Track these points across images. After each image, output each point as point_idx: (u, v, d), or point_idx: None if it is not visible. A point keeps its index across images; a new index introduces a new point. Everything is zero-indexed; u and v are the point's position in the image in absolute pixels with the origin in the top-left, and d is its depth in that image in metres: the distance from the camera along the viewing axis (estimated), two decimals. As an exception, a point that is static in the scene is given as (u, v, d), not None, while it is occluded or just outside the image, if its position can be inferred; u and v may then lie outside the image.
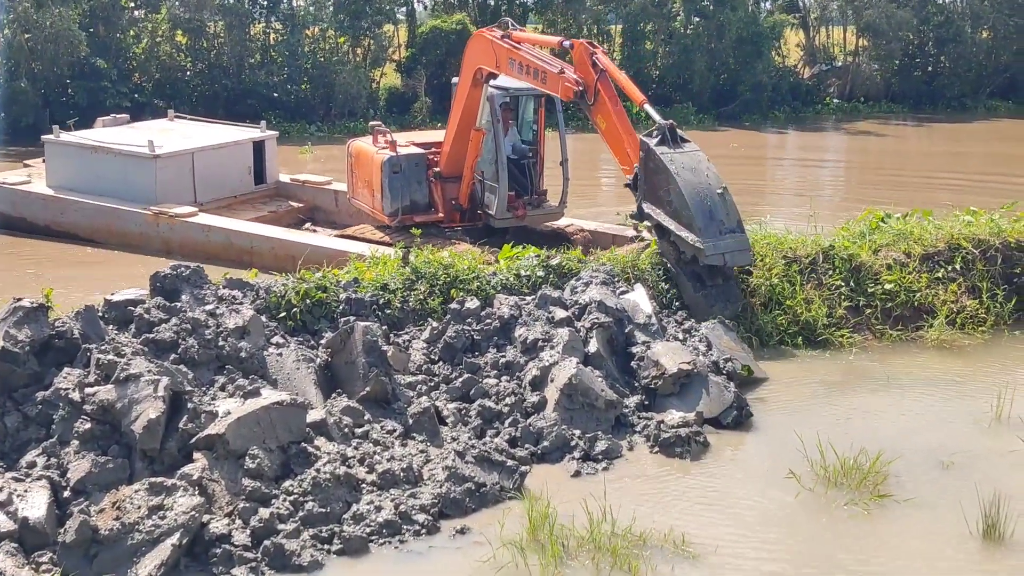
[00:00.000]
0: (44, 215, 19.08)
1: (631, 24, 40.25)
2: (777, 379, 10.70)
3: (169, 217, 17.64)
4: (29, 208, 19.28)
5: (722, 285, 11.67)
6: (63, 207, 18.82)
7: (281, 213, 19.61)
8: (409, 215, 16.77)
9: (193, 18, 35.58)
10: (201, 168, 19.11)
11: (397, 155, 17.00)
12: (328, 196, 20.12)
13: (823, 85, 42.47)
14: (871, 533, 7.67)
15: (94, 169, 18.79)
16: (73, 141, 19.53)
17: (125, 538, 6.98)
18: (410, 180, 17.03)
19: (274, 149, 21.04)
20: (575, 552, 7.26)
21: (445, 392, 9.68)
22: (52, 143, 19.73)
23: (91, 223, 18.32)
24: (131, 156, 18.61)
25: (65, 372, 8.46)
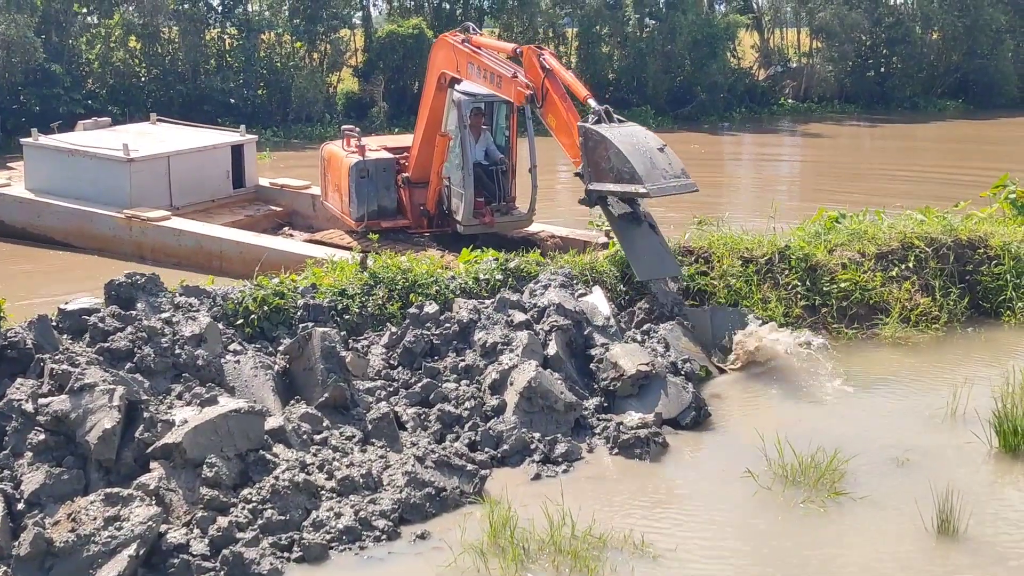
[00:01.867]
0: (20, 218, 19.03)
1: (586, 27, 40.44)
2: (735, 379, 10.77)
3: (141, 221, 17.54)
4: (6, 211, 19.26)
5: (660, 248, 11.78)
6: (39, 210, 18.76)
7: (258, 217, 19.53)
8: (376, 220, 16.74)
9: (147, 23, 35.29)
10: (177, 172, 19.02)
11: (365, 159, 16.96)
12: (306, 200, 20.07)
13: (778, 86, 42.92)
14: (828, 531, 7.75)
15: (71, 172, 18.76)
16: (50, 144, 19.44)
17: (81, 550, 6.90)
18: (378, 185, 16.99)
19: (253, 153, 20.94)
20: (536, 555, 7.27)
21: (404, 397, 9.65)
22: (31, 146, 19.64)
23: (65, 226, 18.25)
24: (106, 160, 18.55)
25: (18, 383, 8.35)
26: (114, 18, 35.71)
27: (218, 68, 36.74)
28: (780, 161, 32.24)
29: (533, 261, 11.89)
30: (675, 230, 13.87)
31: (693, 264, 12.15)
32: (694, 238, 12.82)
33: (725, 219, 13.57)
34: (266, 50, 37.94)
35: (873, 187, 24.78)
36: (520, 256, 12.03)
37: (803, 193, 25.99)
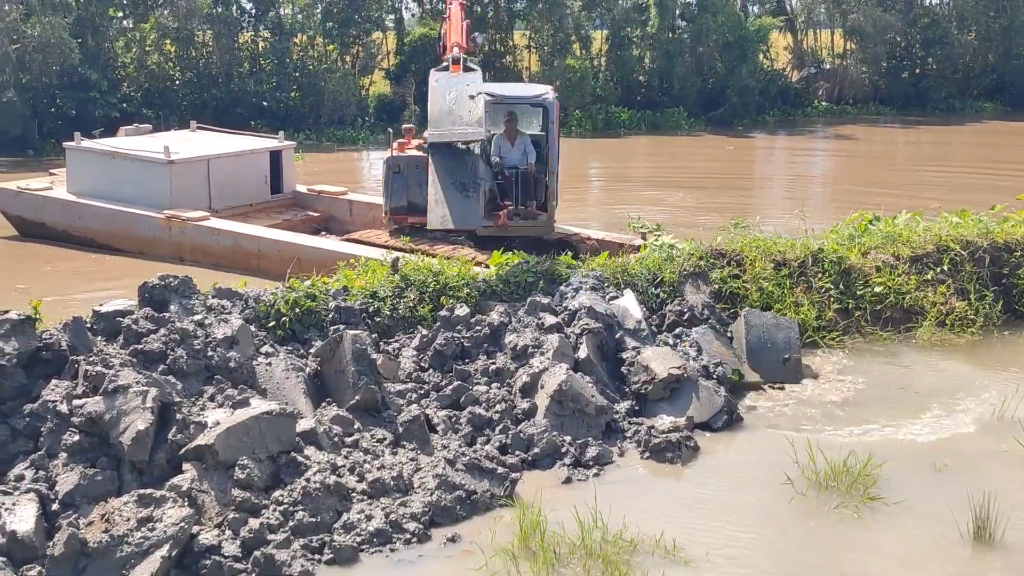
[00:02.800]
0: (63, 220, 19.28)
1: (615, 30, 40.37)
2: (768, 382, 10.68)
3: (181, 221, 17.72)
4: (48, 213, 19.43)
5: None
6: (80, 212, 19.01)
7: (295, 222, 19.64)
8: (404, 216, 16.84)
9: (182, 27, 35.56)
10: (217, 175, 19.21)
11: (397, 155, 17.11)
12: (343, 206, 20.18)
13: (811, 88, 42.62)
14: (861, 536, 7.68)
15: (112, 175, 18.99)
16: (92, 148, 19.69)
17: (114, 550, 6.95)
18: (409, 181, 17.06)
19: (291, 159, 21.07)
20: (566, 559, 7.25)
21: (435, 400, 9.66)
22: (73, 150, 19.91)
23: (106, 228, 18.46)
24: (147, 162, 18.76)
25: (53, 384, 8.42)
26: (149, 22, 36.00)
27: (251, 71, 36.94)
28: (813, 163, 32.00)
29: (564, 264, 11.87)
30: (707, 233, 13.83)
31: (725, 267, 12.08)
32: (726, 241, 12.75)
33: (757, 222, 13.49)
34: (299, 53, 38.12)
35: (907, 189, 24.54)
36: (551, 259, 12.02)
37: (836, 195, 25.77)
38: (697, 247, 12.46)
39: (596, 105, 37.93)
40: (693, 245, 12.64)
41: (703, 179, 27.26)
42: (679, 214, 21.65)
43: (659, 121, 37.80)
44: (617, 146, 33.98)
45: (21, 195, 19.91)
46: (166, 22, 35.70)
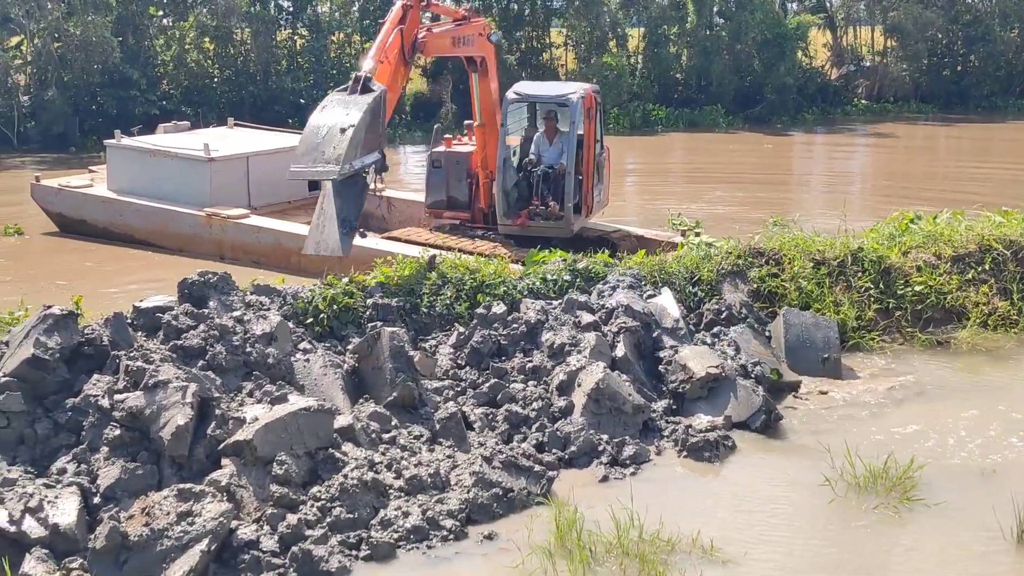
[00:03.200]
0: (103, 217, 19.49)
1: (652, 28, 40.23)
2: (807, 383, 10.60)
3: (221, 219, 17.85)
4: (89, 210, 19.65)
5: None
6: (121, 209, 19.19)
7: None
8: (443, 210, 17.03)
9: (220, 25, 35.82)
10: (256, 172, 19.36)
11: (438, 150, 17.22)
12: (380, 203, 20.25)
13: (851, 86, 42.25)
14: (901, 537, 7.60)
15: (152, 173, 19.18)
16: (132, 145, 19.88)
17: (154, 544, 7.00)
18: (450, 177, 17.16)
19: None
20: (603, 558, 7.22)
21: (472, 397, 9.66)
22: (113, 147, 20.12)
23: (147, 225, 18.64)
24: (187, 159, 18.93)
25: (95, 379, 8.50)
26: (188, 20, 36.30)
27: (288, 69, 37.15)
28: (852, 161, 31.74)
29: (601, 262, 11.84)
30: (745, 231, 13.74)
31: (764, 266, 11.99)
32: (765, 239, 12.67)
33: (797, 220, 13.39)
34: (336, 50, 38.30)
35: (948, 188, 24.30)
36: (588, 257, 11.99)
37: (876, 194, 25.55)
38: (735, 245, 12.39)
39: (633, 103, 37.83)
40: (731, 243, 12.57)
41: (741, 177, 27.12)
42: (717, 212, 21.56)
43: (696, 119, 37.65)
44: (654, 143, 33.87)
45: (62, 192, 20.13)
46: (205, 20, 35.97)
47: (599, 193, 17.01)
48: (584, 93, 16.25)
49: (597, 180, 16.87)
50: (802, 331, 10.97)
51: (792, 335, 10.94)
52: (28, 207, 21.22)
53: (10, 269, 18.08)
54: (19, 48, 35.02)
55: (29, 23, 33.24)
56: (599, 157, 16.88)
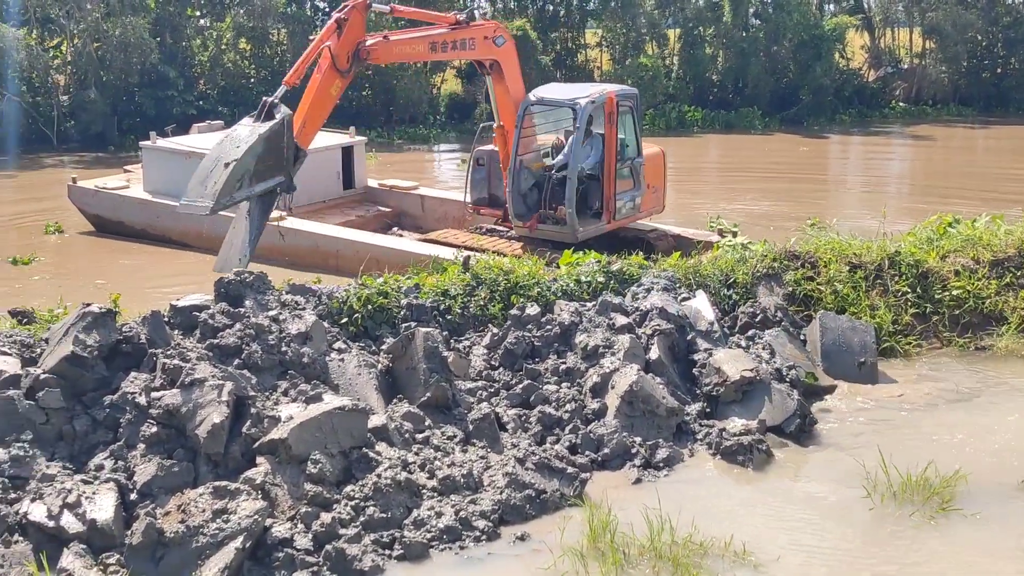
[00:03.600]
0: (140, 219, 19.65)
1: (688, 29, 40.10)
2: (842, 387, 10.53)
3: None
4: (126, 212, 19.87)
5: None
6: (157, 211, 19.32)
7: (368, 218, 19.84)
8: (482, 208, 17.18)
9: (257, 26, 36.08)
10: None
11: (482, 149, 17.30)
12: (414, 201, 20.35)
13: (888, 88, 41.89)
14: (937, 546, 7.52)
15: (187, 174, 19.21)
16: (168, 147, 19.99)
17: (190, 541, 7.06)
18: (491, 175, 17.23)
19: (363, 154, 21.27)
20: (636, 560, 7.21)
21: (505, 398, 9.67)
22: (149, 149, 20.24)
23: (182, 227, 18.75)
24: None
25: (132, 376, 8.58)
26: (226, 21, 36.58)
27: (324, 69, 37.31)
28: (890, 163, 31.48)
29: (635, 264, 11.81)
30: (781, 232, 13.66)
31: (799, 269, 11.92)
32: (800, 242, 12.60)
33: (834, 223, 13.30)
34: (371, 52, 38.43)
35: (987, 192, 24.05)
36: (623, 259, 11.97)
37: (913, 196, 25.35)
38: (770, 248, 12.33)
39: (668, 104, 37.72)
40: (766, 246, 12.51)
41: (777, 179, 26.99)
42: (754, 213, 21.46)
43: (732, 120, 37.49)
44: (690, 144, 33.76)
45: (99, 194, 20.30)
46: (242, 21, 36.24)
47: (630, 199, 16.79)
48: (600, 97, 16.11)
49: (633, 185, 16.71)
50: (839, 335, 10.89)
51: (828, 339, 10.87)
52: (68, 205, 21.47)
53: (50, 267, 18.32)
54: (59, 48, 35.45)
55: (69, 24, 33.62)
56: (633, 162, 16.73)
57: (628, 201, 16.76)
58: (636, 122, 16.85)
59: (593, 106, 16.05)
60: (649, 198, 17.29)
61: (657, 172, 17.59)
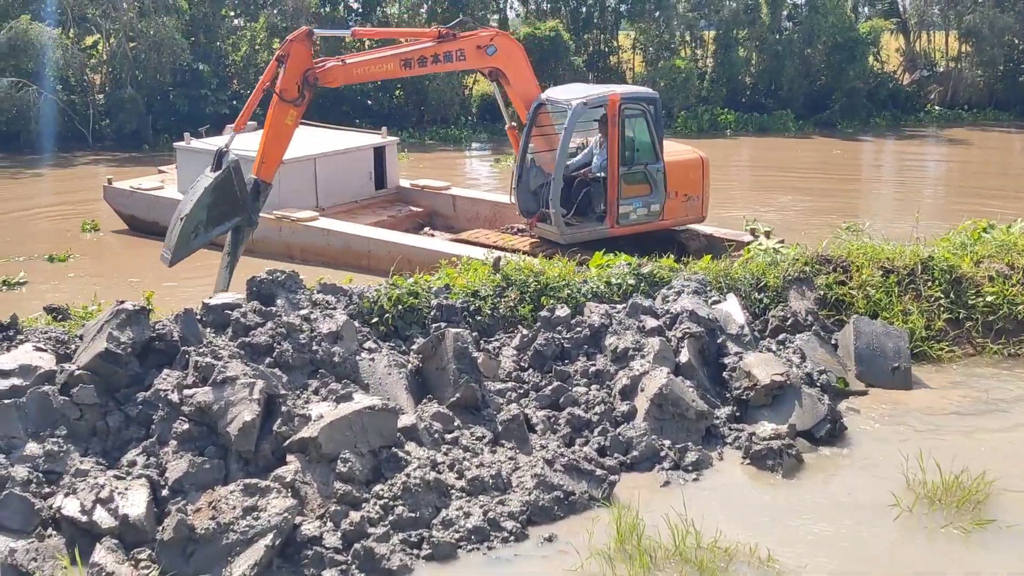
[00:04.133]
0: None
1: (724, 31, 39.94)
2: (875, 392, 10.46)
3: (291, 221, 18.01)
4: (160, 212, 19.89)
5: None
6: None
7: (400, 218, 19.93)
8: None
9: (290, 26, 36.26)
10: (323, 174, 19.57)
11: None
12: (446, 201, 20.39)
13: (923, 91, 41.52)
14: (970, 557, 7.44)
15: None
16: (202, 148, 20.12)
17: (220, 537, 7.12)
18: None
19: (395, 155, 21.36)
20: (662, 564, 7.20)
21: (534, 400, 9.68)
22: (183, 149, 20.42)
23: None
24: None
25: (165, 373, 8.66)
26: (259, 21, 36.81)
27: (357, 70, 37.46)
28: (924, 167, 31.22)
29: (666, 267, 11.79)
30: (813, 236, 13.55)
31: (831, 273, 11.86)
32: (832, 246, 12.53)
33: (867, 227, 13.21)
34: (404, 52, 38.55)
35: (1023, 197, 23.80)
36: (653, 261, 11.95)
37: (948, 201, 25.13)
38: (802, 252, 12.27)
39: (700, 106, 37.60)
40: (798, 250, 12.45)
41: (810, 182, 26.84)
42: (786, 217, 21.36)
43: (765, 123, 37.30)
44: (723, 147, 33.63)
45: (134, 195, 20.51)
46: (276, 21, 36.46)
47: (643, 205, 16.43)
48: (598, 98, 16.04)
49: (650, 191, 16.35)
50: (872, 340, 10.82)
51: (862, 343, 10.79)
52: (103, 203, 21.69)
53: (85, 265, 18.51)
54: (95, 47, 35.80)
55: (105, 23, 33.95)
56: (648, 167, 16.36)
57: (640, 207, 16.39)
58: (653, 126, 16.34)
59: (586, 108, 16.00)
60: (678, 206, 16.72)
61: (693, 179, 16.86)
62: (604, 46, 41.24)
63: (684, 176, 16.75)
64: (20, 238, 20.55)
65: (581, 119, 16.29)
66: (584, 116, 16.30)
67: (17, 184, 27.63)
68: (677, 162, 16.75)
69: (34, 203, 24.61)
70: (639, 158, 16.31)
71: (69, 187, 26.88)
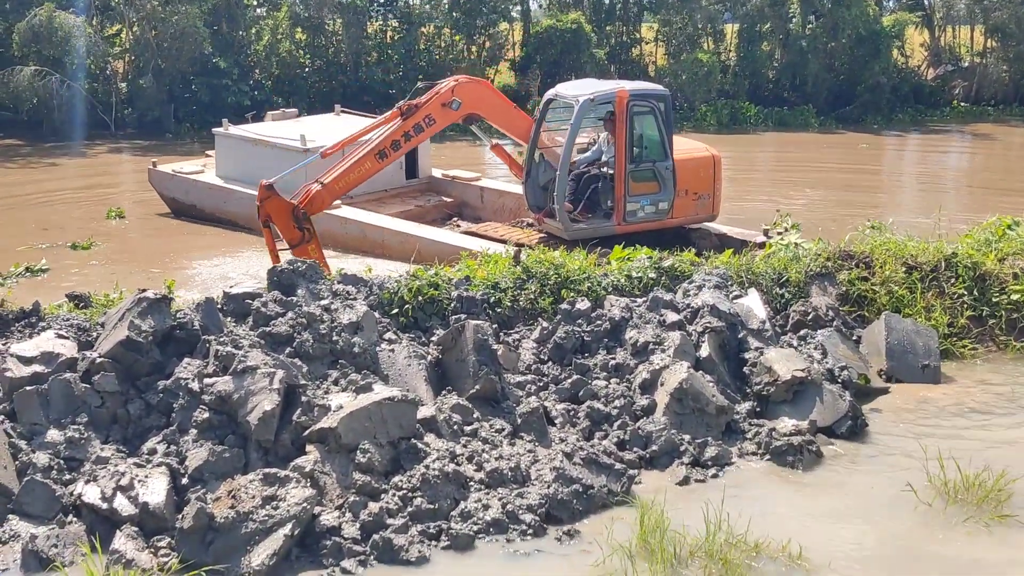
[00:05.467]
0: (210, 203, 20.54)
1: (748, 24, 39.72)
2: (898, 389, 10.39)
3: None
4: (199, 196, 20.75)
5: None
6: (225, 196, 20.17)
7: (428, 208, 20.01)
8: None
9: (312, 16, 36.32)
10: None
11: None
12: (475, 192, 20.44)
13: (947, 87, 41.18)
14: (992, 554, 7.38)
15: (254, 161, 20.04)
16: (237, 134, 20.73)
17: (240, 526, 7.13)
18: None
19: (427, 145, 21.37)
20: (686, 560, 7.15)
21: (554, 392, 9.66)
22: (221, 135, 20.99)
23: (246, 211, 19.37)
24: (285, 149, 19.60)
25: (185, 362, 8.68)
26: (281, 10, 36.84)
27: (379, 60, 37.50)
28: (948, 163, 30.99)
29: (687, 261, 11.73)
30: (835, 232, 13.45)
31: (853, 269, 11.79)
32: (855, 242, 12.45)
33: (891, 224, 13.13)
34: (426, 43, 38.55)
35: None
36: (674, 255, 11.90)
37: (973, 197, 24.94)
38: (824, 247, 12.20)
39: (721, 100, 37.43)
40: (820, 245, 12.38)
41: (834, 177, 26.69)
42: (810, 212, 21.22)
43: (787, 118, 37.08)
44: (745, 141, 33.47)
45: (175, 178, 21.21)
46: (298, 10, 36.50)
47: (651, 203, 16.24)
48: (605, 95, 15.93)
49: (658, 189, 16.18)
50: (903, 337, 10.76)
51: (894, 339, 10.72)
52: (126, 190, 21.93)
53: (108, 252, 18.61)
54: (119, 36, 35.93)
55: (129, 11, 34.06)
56: (656, 165, 16.15)
57: (648, 205, 16.20)
58: (662, 123, 16.09)
59: (592, 104, 15.90)
60: (688, 204, 16.50)
61: (704, 177, 16.63)
62: (626, 38, 41.09)
63: (695, 174, 16.51)
64: (43, 225, 20.69)
65: (589, 115, 16.22)
66: (592, 112, 16.24)
67: (40, 172, 27.78)
68: (688, 160, 16.51)
69: (57, 190, 24.75)
70: (647, 155, 16.13)
71: (92, 175, 27.01)
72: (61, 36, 31.89)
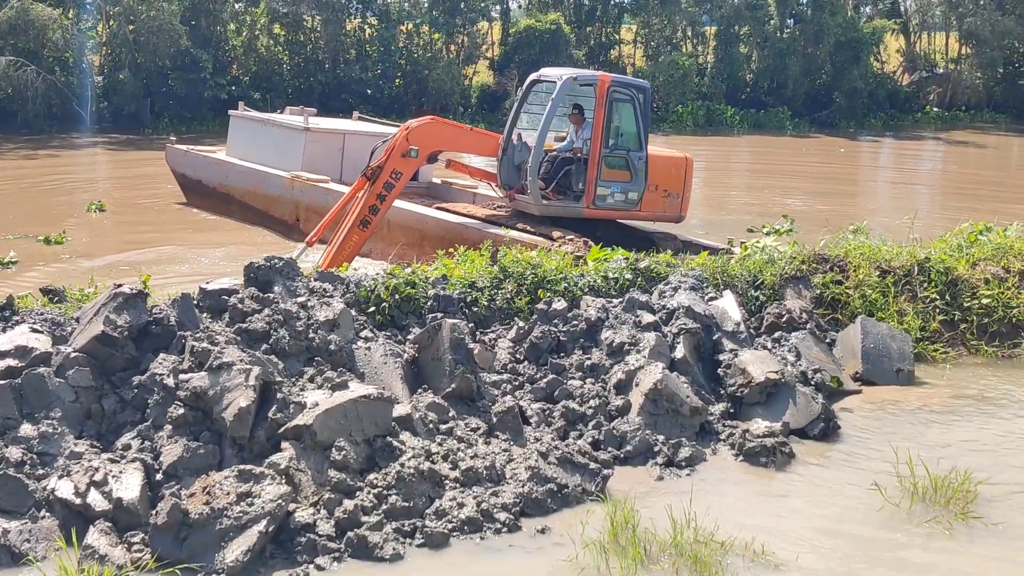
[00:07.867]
0: (215, 179, 21.47)
1: (726, 27, 39.93)
2: (867, 392, 10.50)
3: (302, 180, 19.00)
4: (205, 172, 21.72)
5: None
6: (227, 171, 21.13)
7: None
8: None
9: (291, 12, 36.23)
10: (352, 150, 20.43)
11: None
12: (467, 198, 20.58)
13: (922, 92, 41.55)
14: (954, 554, 7.47)
15: (259, 140, 21.19)
16: (247, 116, 22.04)
17: (214, 523, 7.11)
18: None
19: None
20: (656, 557, 7.21)
21: (529, 392, 9.69)
22: (235, 117, 22.23)
23: (243, 185, 20.58)
24: (287, 128, 20.58)
25: (161, 358, 8.65)
26: (260, 6, 36.72)
27: (357, 58, 37.44)
28: (921, 168, 31.26)
29: (663, 262, 11.80)
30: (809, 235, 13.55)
31: (828, 273, 11.89)
32: (829, 246, 12.55)
33: (864, 227, 13.26)
34: (404, 41, 38.52)
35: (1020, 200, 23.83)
36: (650, 256, 11.96)
37: (946, 201, 25.16)
38: (799, 251, 12.29)
39: (698, 102, 37.59)
40: (795, 248, 12.48)
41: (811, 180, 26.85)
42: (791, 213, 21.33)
43: (762, 120, 37.31)
44: (726, 143, 33.61)
45: (188, 154, 22.49)
46: (276, 7, 36.41)
47: (621, 191, 16.58)
48: (587, 77, 16.54)
49: (630, 179, 16.51)
50: (878, 340, 10.87)
51: (869, 343, 10.84)
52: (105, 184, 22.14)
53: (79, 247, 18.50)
54: (95, 29, 35.71)
55: (106, 5, 33.86)
56: (630, 154, 16.47)
57: (618, 193, 16.59)
58: (640, 115, 16.55)
59: (575, 83, 16.21)
60: (657, 200, 16.87)
61: (675, 176, 17.05)
62: (605, 39, 41.18)
63: (666, 171, 16.96)
64: (18, 218, 20.59)
65: (569, 94, 16.47)
66: (573, 92, 16.47)
67: (13, 164, 27.56)
68: (661, 156, 17.11)
69: (30, 183, 24.60)
70: (622, 143, 16.53)
71: (67, 167, 26.84)
72: (37, 28, 31.66)
